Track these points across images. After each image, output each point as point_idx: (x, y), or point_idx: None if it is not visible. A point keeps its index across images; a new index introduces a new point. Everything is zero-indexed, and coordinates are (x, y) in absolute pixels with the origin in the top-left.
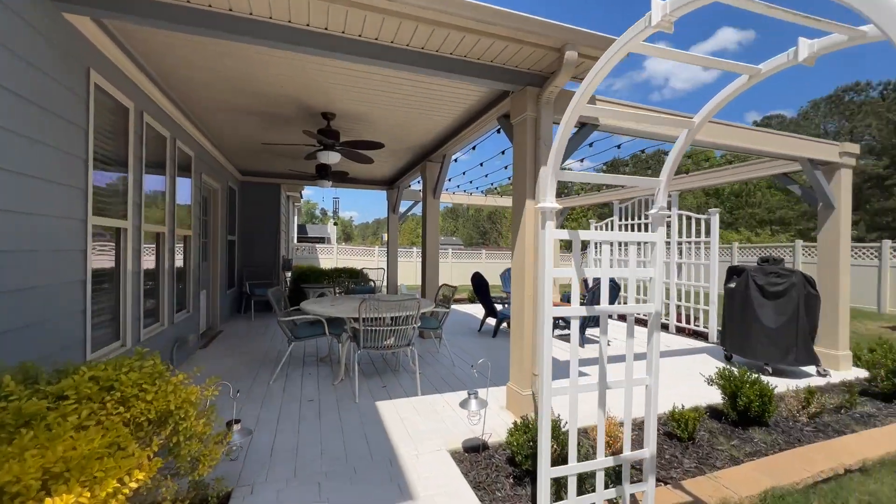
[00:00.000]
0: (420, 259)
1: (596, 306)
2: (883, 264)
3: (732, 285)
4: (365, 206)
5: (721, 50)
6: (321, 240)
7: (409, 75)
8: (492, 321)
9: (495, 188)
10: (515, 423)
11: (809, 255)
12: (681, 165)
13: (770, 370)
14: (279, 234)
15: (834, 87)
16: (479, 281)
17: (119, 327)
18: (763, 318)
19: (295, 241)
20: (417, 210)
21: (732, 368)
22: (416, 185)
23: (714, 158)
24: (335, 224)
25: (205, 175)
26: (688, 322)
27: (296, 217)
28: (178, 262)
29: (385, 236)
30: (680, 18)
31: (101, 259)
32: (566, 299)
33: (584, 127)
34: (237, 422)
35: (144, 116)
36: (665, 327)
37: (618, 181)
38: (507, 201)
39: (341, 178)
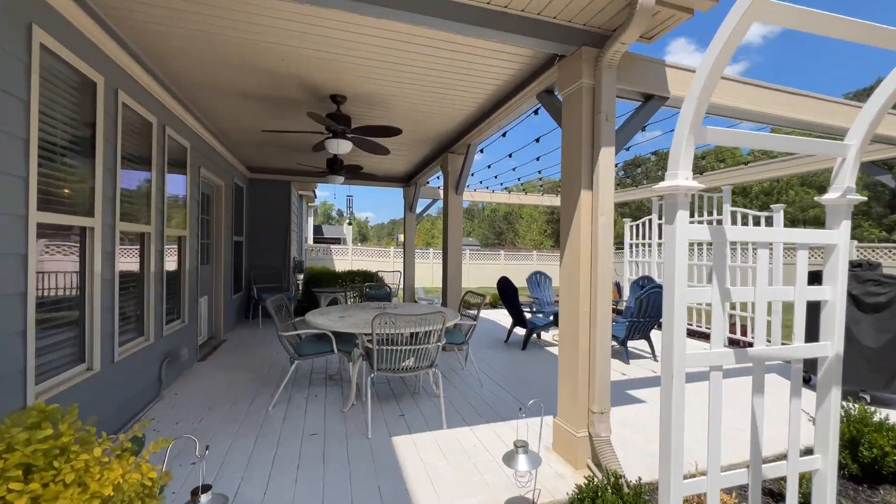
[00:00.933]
0: (437, 261)
1: (750, 350)
2: None
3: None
4: (380, 206)
5: (746, 44)
6: (337, 241)
7: (433, 45)
8: (520, 331)
9: (520, 185)
10: (580, 487)
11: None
12: (699, 164)
13: (867, 398)
14: (289, 234)
15: None
16: (506, 286)
17: (84, 347)
18: (859, 336)
19: (310, 241)
20: (433, 209)
21: (848, 405)
22: (435, 182)
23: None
24: (349, 224)
25: (205, 170)
26: (744, 334)
27: (311, 218)
28: (171, 266)
29: (401, 237)
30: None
31: (56, 264)
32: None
33: (651, 100)
34: (206, 489)
35: (120, 95)
36: (706, 338)
37: (793, 146)
38: (531, 199)
39: (354, 173)
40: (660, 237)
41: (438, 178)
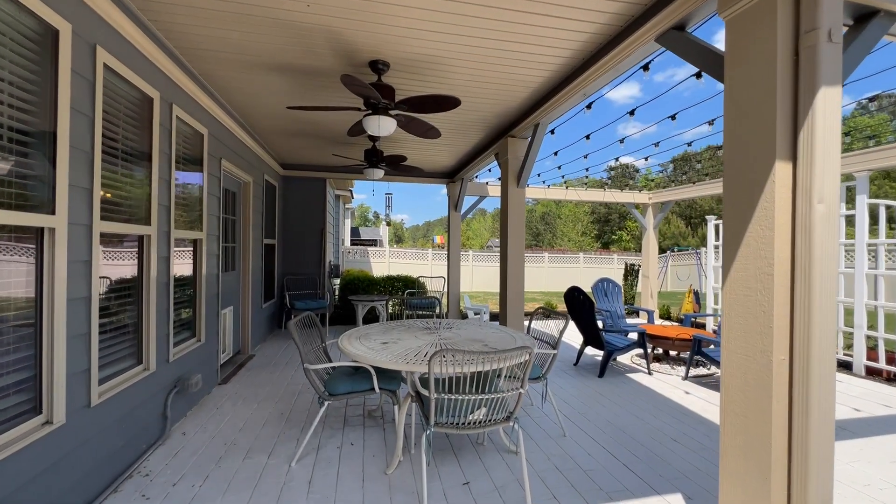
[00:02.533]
0: (477, 263)
1: None
2: None
3: None
4: (415, 207)
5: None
6: (373, 242)
7: None
8: (592, 351)
9: (585, 179)
10: None
11: None
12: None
13: None
14: (325, 236)
15: None
16: (577, 298)
17: (40, 392)
18: None
19: (348, 243)
20: (487, 204)
21: None
22: (482, 177)
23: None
24: (388, 224)
25: (228, 163)
26: (889, 362)
27: (348, 220)
28: (184, 273)
29: (436, 238)
30: None
31: None
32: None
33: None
34: None
35: (99, 54)
36: (845, 366)
37: None
38: (594, 195)
39: (395, 166)
40: None
41: (490, 170)
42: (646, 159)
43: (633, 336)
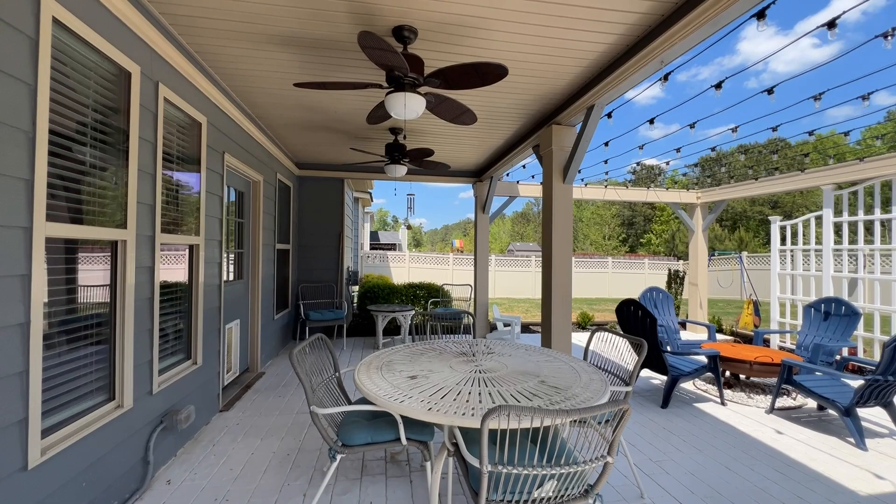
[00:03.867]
0: (499, 268)
1: None
2: None
3: None
4: (433, 210)
5: (837, 19)
6: (392, 246)
7: None
8: (649, 374)
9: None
10: None
11: None
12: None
13: None
14: (342, 241)
15: None
16: (633, 313)
17: None
18: None
19: (367, 248)
20: (514, 206)
21: None
22: (512, 175)
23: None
24: (408, 228)
25: (233, 158)
26: None
27: (368, 224)
28: (176, 284)
29: (455, 242)
30: None
31: None
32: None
33: None
34: None
35: (58, 13)
36: None
37: None
38: (636, 194)
39: (419, 161)
40: (836, 241)
41: (524, 167)
42: (667, 164)
43: (701, 358)
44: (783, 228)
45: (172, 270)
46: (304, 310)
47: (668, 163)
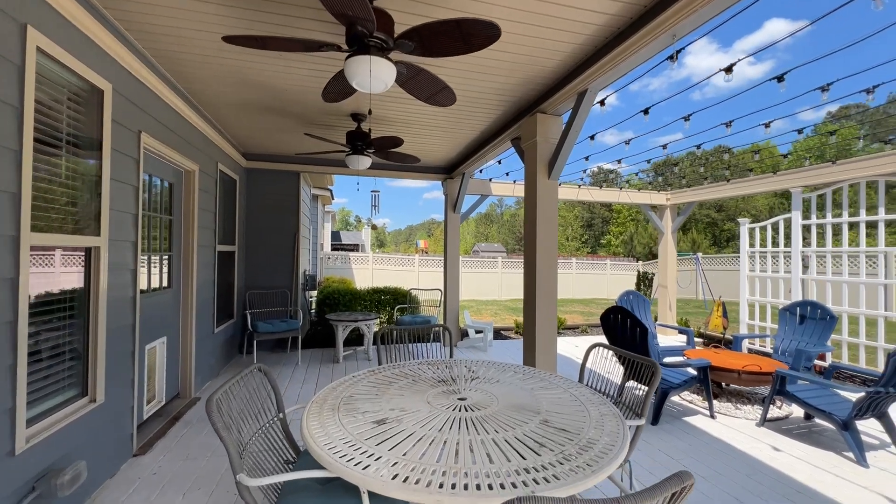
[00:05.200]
0: (469, 269)
1: None
2: None
3: None
4: (396, 211)
5: (769, 41)
6: (355, 247)
7: None
8: (633, 384)
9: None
10: None
11: None
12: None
13: None
14: (297, 242)
15: None
16: (622, 322)
17: None
18: None
19: (327, 248)
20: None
21: None
22: (482, 173)
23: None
24: (374, 228)
25: (154, 140)
26: None
27: (328, 224)
28: (63, 299)
29: (420, 243)
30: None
31: None
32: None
33: None
34: None
35: None
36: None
37: None
38: (609, 195)
39: (386, 152)
40: (804, 244)
41: (500, 162)
42: (618, 161)
43: (690, 369)
44: (751, 231)
45: (58, 281)
46: (251, 320)
47: (620, 161)
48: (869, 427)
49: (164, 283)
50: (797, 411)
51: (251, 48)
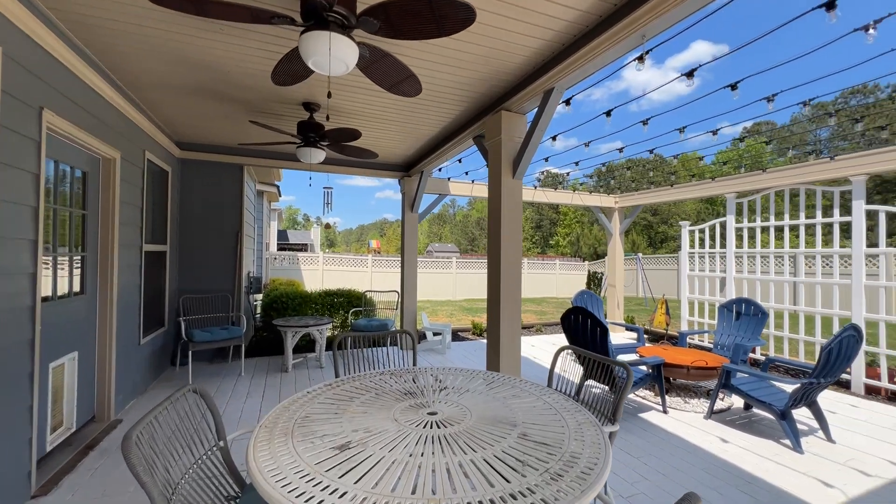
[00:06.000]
0: (423, 270)
1: None
2: None
3: None
4: (348, 211)
5: (695, 60)
6: (303, 247)
7: None
8: (590, 382)
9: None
10: None
11: None
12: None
13: None
14: (240, 241)
15: (835, 91)
16: (583, 323)
17: None
18: None
19: (274, 248)
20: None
21: None
22: (441, 172)
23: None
24: (327, 227)
25: (61, 119)
26: (892, 379)
27: (275, 222)
28: None
29: (372, 243)
30: None
31: None
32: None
33: None
34: None
35: None
36: (843, 385)
37: None
38: (562, 197)
39: (340, 145)
40: (738, 245)
41: (460, 161)
42: (576, 163)
43: (643, 367)
44: (692, 232)
45: None
46: (186, 328)
47: (577, 164)
48: (799, 415)
49: (76, 289)
50: (737, 402)
51: (186, 13)
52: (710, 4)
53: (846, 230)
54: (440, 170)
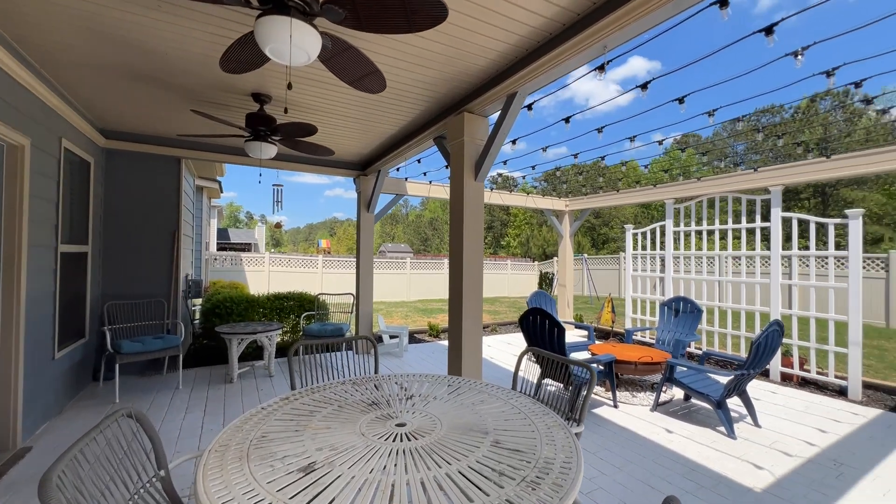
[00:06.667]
0: (378, 271)
1: None
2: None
3: None
4: (295, 210)
5: (632, 75)
6: (247, 247)
7: None
8: (547, 382)
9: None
10: None
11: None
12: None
13: None
14: (178, 241)
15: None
16: (541, 323)
17: None
18: None
19: (213, 248)
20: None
21: None
22: (399, 172)
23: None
24: (277, 227)
25: None
26: (801, 367)
27: (215, 220)
28: None
29: (322, 242)
30: None
31: None
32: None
33: None
34: None
35: None
36: (762, 374)
37: None
38: (517, 199)
39: (294, 140)
40: (675, 247)
41: (419, 161)
42: (532, 167)
43: (594, 363)
44: (635, 235)
45: None
46: (111, 339)
47: (533, 167)
48: (730, 402)
49: None
50: (678, 394)
51: None
52: (663, 23)
53: (767, 235)
54: (398, 169)
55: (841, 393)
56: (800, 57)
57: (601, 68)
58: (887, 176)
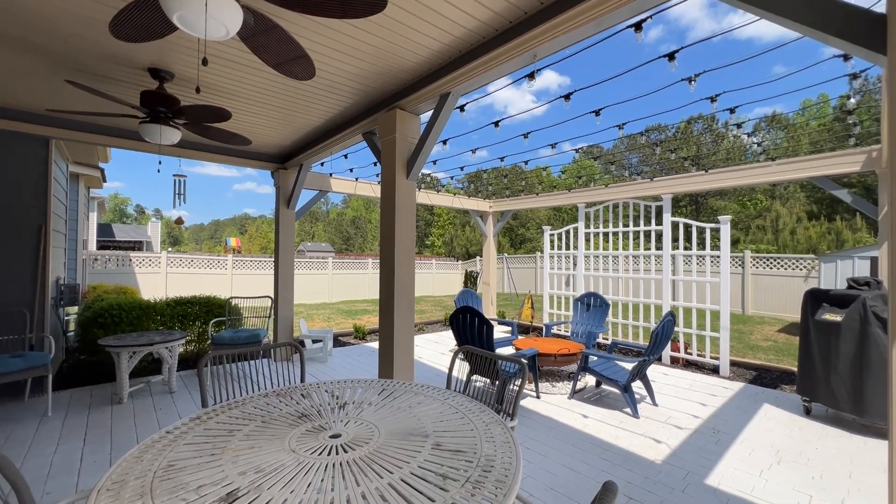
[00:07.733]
0: (299, 271)
1: None
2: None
3: (832, 317)
4: (198, 204)
5: (545, 87)
6: (137, 245)
7: None
8: (475, 377)
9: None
10: None
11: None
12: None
13: None
14: (46, 238)
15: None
16: (471, 321)
17: None
18: None
19: (93, 246)
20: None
21: None
22: (323, 167)
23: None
24: (178, 223)
25: None
26: (686, 350)
27: (95, 213)
28: None
29: (230, 241)
30: None
31: None
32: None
33: None
34: None
35: None
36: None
37: None
38: (443, 199)
39: (201, 125)
40: (587, 247)
41: (346, 156)
42: (461, 169)
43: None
44: (552, 236)
45: None
46: None
47: (464, 169)
48: (633, 386)
49: None
50: (590, 381)
51: None
52: (583, 41)
53: (659, 236)
54: (322, 164)
55: (715, 371)
56: (693, 82)
57: (531, 76)
58: (742, 189)
